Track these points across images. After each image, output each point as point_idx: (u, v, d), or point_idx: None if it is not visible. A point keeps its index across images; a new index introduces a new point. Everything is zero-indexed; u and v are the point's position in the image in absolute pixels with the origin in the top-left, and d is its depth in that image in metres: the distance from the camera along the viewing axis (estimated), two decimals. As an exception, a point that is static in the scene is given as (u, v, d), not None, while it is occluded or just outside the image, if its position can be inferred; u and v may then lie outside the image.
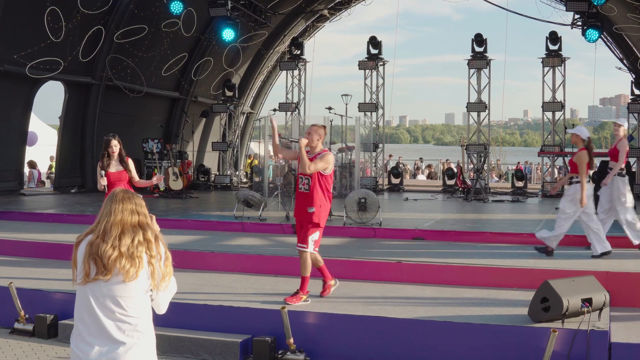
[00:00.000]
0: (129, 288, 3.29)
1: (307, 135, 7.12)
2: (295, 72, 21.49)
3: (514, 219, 13.42)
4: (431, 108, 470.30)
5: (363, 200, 11.43)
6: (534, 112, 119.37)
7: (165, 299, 3.48)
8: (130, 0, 17.51)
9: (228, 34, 17.51)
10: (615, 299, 7.00)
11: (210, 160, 23.36)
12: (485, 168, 19.23)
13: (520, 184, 19.14)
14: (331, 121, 15.22)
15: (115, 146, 8.09)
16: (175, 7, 16.37)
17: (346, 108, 17.14)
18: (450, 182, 19.98)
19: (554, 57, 18.88)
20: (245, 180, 22.72)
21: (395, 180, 20.57)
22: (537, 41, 25.09)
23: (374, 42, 20.43)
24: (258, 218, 11.98)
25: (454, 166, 24.53)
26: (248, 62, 23.60)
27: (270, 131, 7.49)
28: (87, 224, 3.47)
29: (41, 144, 23.52)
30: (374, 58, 20.39)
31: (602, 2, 14.58)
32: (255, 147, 27.90)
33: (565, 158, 18.46)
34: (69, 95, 17.89)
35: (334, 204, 12.87)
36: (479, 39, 19.22)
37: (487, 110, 19.35)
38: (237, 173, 22.42)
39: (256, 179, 19.52)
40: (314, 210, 6.93)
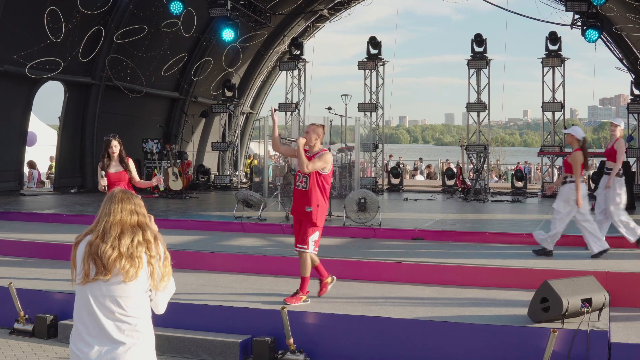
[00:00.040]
0: (129, 288, 3.29)
1: (306, 135, 7.11)
2: (295, 72, 21.49)
3: (514, 219, 13.42)
4: (431, 108, 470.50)
5: (363, 201, 11.43)
6: (534, 113, 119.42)
7: (164, 299, 3.48)
8: (130, 1, 17.51)
9: (228, 34, 17.51)
10: (614, 299, 7.00)
11: (210, 160, 23.35)
12: (484, 168, 19.23)
13: (520, 184, 19.14)
14: (331, 121, 15.20)
15: (116, 147, 8.09)
16: (175, 7, 16.36)
17: (346, 108, 17.13)
18: (450, 183, 19.98)
19: (553, 57, 18.89)
20: (244, 180, 22.72)
21: (395, 181, 20.57)
22: (537, 41, 25.18)
23: (373, 42, 20.43)
24: (258, 218, 11.98)
25: (454, 166, 24.53)
26: (248, 62, 23.61)
27: (270, 131, 7.50)
28: (87, 224, 3.47)
29: (41, 144, 23.51)
30: (373, 58, 20.39)
31: (602, 3, 14.57)
32: (255, 147, 27.91)
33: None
34: (69, 95, 17.88)
35: (334, 204, 12.92)
36: (479, 39, 19.22)
37: (487, 111, 19.35)
38: (237, 173, 22.41)
39: (256, 179, 19.52)
40: (311, 209, 6.92)
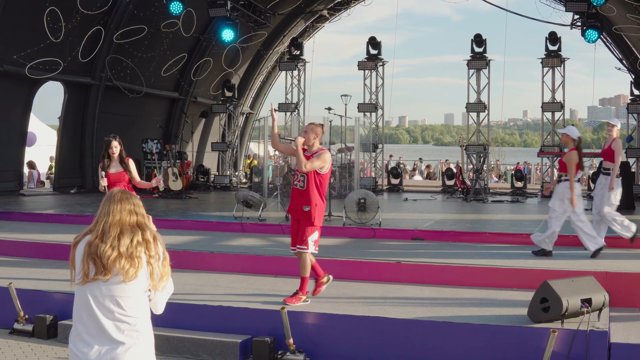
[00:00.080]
0: (129, 288, 3.29)
1: (304, 134, 7.08)
2: (295, 73, 21.50)
3: (514, 219, 13.42)
4: (430, 108, 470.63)
5: (362, 201, 11.43)
6: (534, 113, 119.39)
7: (163, 299, 3.48)
8: (130, 1, 17.51)
9: (227, 35, 17.51)
10: (614, 299, 7.00)
11: (210, 160, 23.35)
12: (484, 168, 19.23)
13: (520, 184, 19.14)
14: (330, 121, 15.19)
15: (116, 147, 8.09)
16: (175, 8, 16.36)
17: (345, 108, 17.15)
18: (450, 183, 19.98)
19: (553, 58, 18.89)
20: (244, 180, 22.72)
21: (394, 181, 20.57)
22: (537, 41, 25.21)
23: (373, 43, 20.44)
24: (257, 218, 11.98)
25: (454, 166, 24.53)
26: (247, 63, 23.61)
27: (270, 131, 7.49)
28: (87, 224, 3.47)
29: (40, 144, 23.50)
30: (373, 58, 20.40)
31: (602, 3, 14.57)
32: (255, 148, 27.91)
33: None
34: (69, 95, 17.89)
35: (334, 204, 12.92)
36: (479, 40, 19.23)
37: (487, 111, 19.35)
38: (237, 173, 22.42)
39: (255, 180, 19.51)
40: (309, 209, 6.91)
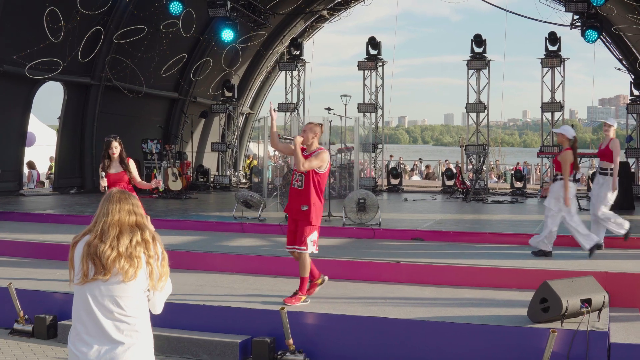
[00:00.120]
0: (128, 288, 3.29)
1: (303, 133, 7.08)
2: (295, 73, 21.49)
3: (513, 219, 13.42)
4: (430, 109, 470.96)
5: (362, 201, 11.43)
6: (533, 113, 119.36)
7: (162, 299, 3.48)
8: (130, 1, 17.51)
9: (227, 35, 17.51)
10: (614, 299, 7.00)
11: (210, 160, 23.35)
12: (484, 169, 19.24)
13: (520, 184, 19.14)
14: (330, 122, 15.20)
15: (116, 148, 8.08)
16: (175, 8, 16.36)
17: (345, 109, 17.14)
18: (450, 183, 19.98)
19: (553, 58, 18.89)
20: (244, 180, 22.72)
21: (394, 181, 20.57)
22: (536, 42, 25.20)
23: (373, 43, 20.43)
24: (257, 219, 11.98)
25: (453, 167, 24.54)
26: (247, 63, 23.60)
27: (269, 131, 7.48)
28: (87, 224, 3.47)
29: (40, 144, 23.48)
30: (373, 59, 20.40)
31: (602, 3, 14.56)
32: (255, 148, 27.91)
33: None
34: (68, 95, 17.88)
35: (334, 204, 12.92)
36: (478, 40, 19.22)
37: (486, 111, 19.34)
38: (236, 174, 22.42)
39: (255, 180, 19.50)
40: (307, 208, 6.90)
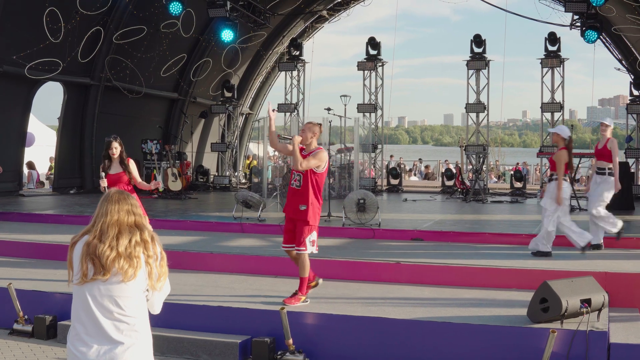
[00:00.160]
0: (127, 288, 3.29)
1: (302, 133, 7.08)
2: (294, 73, 21.50)
3: (513, 219, 13.41)
4: (430, 109, 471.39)
5: (362, 201, 11.43)
6: (533, 113, 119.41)
7: (160, 299, 3.49)
8: (130, 1, 17.51)
9: (227, 35, 17.51)
10: (614, 299, 7.00)
11: (209, 161, 23.35)
12: (484, 169, 19.24)
13: (519, 184, 19.15)
14: (330, 122, 15.20)
15: (116, 148, 8.08)
16: (174, 8, 16.36)
17: (345, 109, 17.08)
18: (449, 183, 19.99)
19: (552, 58, 18.89)
20: (244, 181, 22.72)
21: (394, 181, 20.58)
22: (536, 42, 25.20)
23: (372, 43, 20.44)
24: (257, 219, 11.98)
25: (453, 167, 24.54)
26: (247, 63, 23.61)
27: (268, 132, 7.47)
28: (87, 224, 3.47)
29: (40, 144, 23.48)
30: (372, 59, 20.41)
31: (601, 3, 14.56)
32: (254, 148, 27.90)
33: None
34: (68, 96, 17.88)
35: (333, 204, 12.92)
36: (478, 40, 19.22)
37: (486, 111, 19.35)
38: (236, 174, 22.41)
39: (255, 180, 19.51)
40: (305, 207, 6.88)
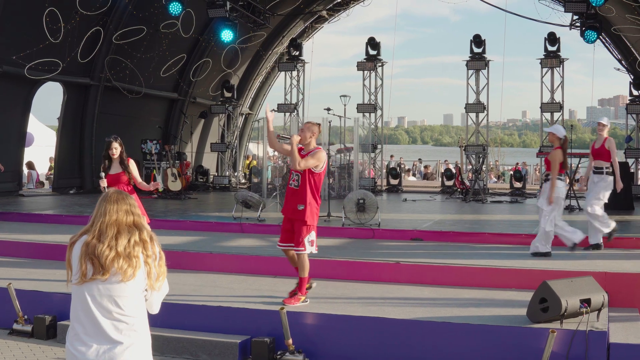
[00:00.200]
0: (127, 288, 3.30)
1: (300, 132, 7.07)
2: (294, 73, 21.50)
3: (513, 219, 13.42)
4: (430, 109, 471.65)
5: (362, 201, 11.43)
6: (533, 113, 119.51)
7: (159, 299, 3.49)
8: (129, 1, 17.51)
9: (227, 35, 17.51)
10: (613, 299, 7.00)
11: (209, 161, 23.35)
12: (483, 169, 19.24)
13: (519, 184, 19.15)
14: (330, 122, 15.20)
15: (116, 149, 8.07)
16: (174, 8, 16.35)
17: (345, 109, 17.09)
18: (449, 183, 19.99)
19: (552, 58, 18.90)
20: (243, 181, 22.71)
21: (393, 181, 20.58)
22: (536, 42, 25.23)
23: (372, 43, 20.44)
24: (257, 219, 11.98)
25: (452, 167, 24.55)
26: (247, 63, 23.61)
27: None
28: (86, 224, 3.47)
29: (40, 145, 23.47)
30: (372, 59, 20.41)
31: (601, 3, 14.56)
32: (254, 148, 27.89)
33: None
34: (68, 96, 17.88)
35: (333, 204, 12.92)
36: (478, 40, 19.23)
37: (486, 111, 19.35)
38: (236, 174, 22.41)
39: (255, 180, 19.50)
40: (303, 207, 6.88)
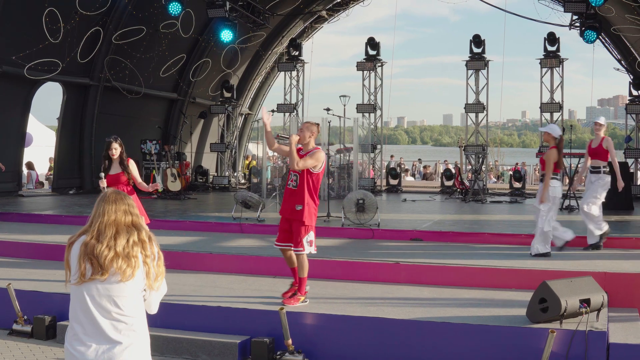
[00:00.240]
0: (126, 287, 3.30)
1: (300, 132, 7.06)
2: (294, 73, 21.49)
3: (512, 219, 13.42)
4: (429, 109, 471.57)
5: (361, 201, 11.43)
6: (532, 113, 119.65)
7: (157, 299, 3.50)
8: (129, 2, 17.51)
9: (226, 35, 17.51)
10: (613, 299, 7.01)
11: (209, 161, 23.35)
12: (483, 169, 19.24)
13: (518, 185, 19.15)
14: (329, 122, 15.21)
15: (116, 149, 8.07)
16: (174, 8, 16.35)
17: (344, 109, 17.11)
18: (449, 183, 20.00)
19: (552, 58, 18.91)
20: (243, 181, 22.71)
21: (393, 181, 20.59)
22: (535, 42, 25.19)
23: (372, 43, 20.45)
24: (256, 219, 11.98)
25: (452, 167, 24.56)
26: (246, 63, 23.62)
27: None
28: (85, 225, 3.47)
29: (39, 145, 23.48)
30: (372, 59, 20.41)
31: (600, 3, 14.56)
32: (254, 148, 27.91)
33: (564, 159, 18.49)
34: (67, 96, 17.88)
35: (332, 205, 12.92)
36: (477, 40, 19.23)
37: (485, 111, 19.35)
38: (235, 174, 22.41)
39: (254, 180, 19.50)
40: (301, 207, 6.86)
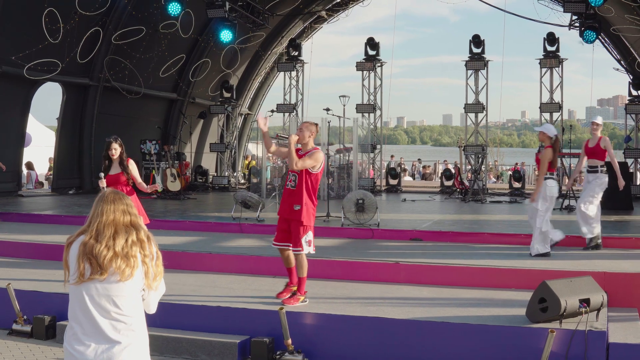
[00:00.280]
0: (125, 287, 3.30)
1: (299, 132, 7.05)
2: (293, 74, 21.50)
3: (512, 219, 13.42)
4: (429, 109, 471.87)
5: (361, 201, 11.43)
6: (532, 113, 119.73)
7: (156, 299, 3.50)
8: (128, 2, 17.52)
9: (226, 35, 17.52)
10: (612, 299, 7.01)
11: (208, 161, 23.35)
12: (482, 169, 19.25)
13: (518, 185, 19.16)
14: (329, 122, 15.22)
15: (116, 149, 8.05)
16: (173, 9, 16.36)
17: (344, 109, 17.11)
18: (448, 183, 20.01)
19: (551, 58, 18.92)
20: (243, 181, 22.71)
21: (393, 181, 20.59)
22: (535, 42, 25.16)
23: (371, 43, 20.45)
24: (256, 219, 11.98)
25: (452, 167, 24.56)
26: (246, 64, 23.62)
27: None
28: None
29: (39, 145, 23.48)
30: (371, 59, 20.42)
31: (600, 3, 14.57)
32: (253, 148, 27.92)
33: (563, 159, 18.51)
34: (67, 96, 17.88)
35: (332, 204, 12.92)
36: (477, 40, 19.24)
37: (485, 111, 19.36)
38: (235, 174, 22.41)
39: (254, 180, 19.50)
40: (299, 207, 6.86)
